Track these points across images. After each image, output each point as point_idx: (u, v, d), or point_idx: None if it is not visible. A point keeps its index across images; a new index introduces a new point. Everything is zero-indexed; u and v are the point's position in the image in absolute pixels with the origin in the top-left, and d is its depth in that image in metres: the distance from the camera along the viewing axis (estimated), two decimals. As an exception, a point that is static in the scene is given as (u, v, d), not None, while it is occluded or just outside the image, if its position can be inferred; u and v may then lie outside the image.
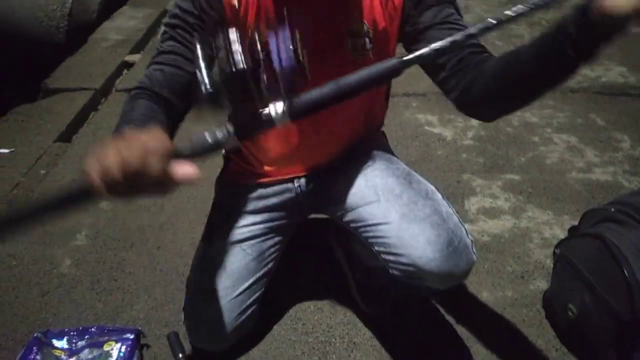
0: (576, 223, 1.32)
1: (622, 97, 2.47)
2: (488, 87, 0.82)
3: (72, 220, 1.67)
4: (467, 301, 1.40)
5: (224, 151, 1.23)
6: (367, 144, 1.14)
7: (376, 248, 1.04)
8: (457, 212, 1.08)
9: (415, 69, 0.80)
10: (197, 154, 0.57)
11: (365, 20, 0.92)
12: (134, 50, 2.97)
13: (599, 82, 2.61)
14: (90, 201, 0.58)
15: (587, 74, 2.69)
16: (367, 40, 0.93)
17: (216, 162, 1.25)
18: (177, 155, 0.54)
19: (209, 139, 0.57)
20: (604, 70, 2.73)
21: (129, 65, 2.83)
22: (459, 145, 2.09)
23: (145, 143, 0.52)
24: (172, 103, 0.87)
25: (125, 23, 3.36)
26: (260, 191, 1.15)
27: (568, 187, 1.85)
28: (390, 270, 1.04)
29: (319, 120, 0.99)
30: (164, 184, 0.53)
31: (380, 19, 0.92)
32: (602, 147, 2.07)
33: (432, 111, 2.35)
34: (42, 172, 1.90)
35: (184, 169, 0.53)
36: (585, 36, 0.61)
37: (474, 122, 2.25)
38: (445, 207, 1.04)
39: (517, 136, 2.14)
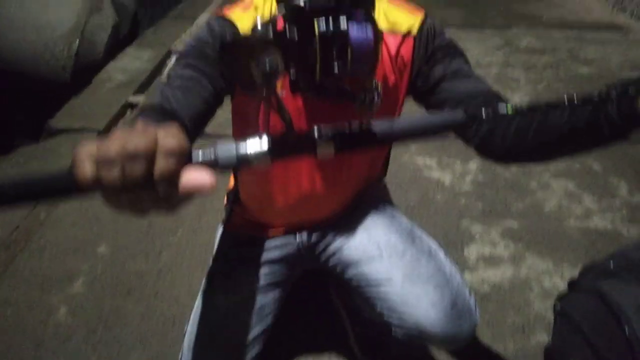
0: (576, 272, 1.32)
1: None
2: (508, 139, 0.79)
3: (71, 264, 1.67)
4: (468, 354, 1.38)
5: (225, 201, 1.23)
6: (370, 197, 1.15)
7: (378, 308, 1.04)
8: (456, 261, 1.08)
9: (410, 111, 0.80)
10: (217, 165, 0.46)
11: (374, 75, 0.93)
12: (138, 91, 3.01)
13: (595, 127, 2.64)
14: (75, 194, 0.44)
15: (583, 118, 2.74)
16: (375, 95, 0.94)
17: (215, 206, 1.26)
18: (193, 160, 0.44)
19: (236, 151, 0.46)
20: (600, 115, 2.78)
21: (132, 106, 2.87)
22: (457, 190, 2.10)
23: (157, 136, 0.40)
24: (185, 128, 0.79)
25: (130, 64, 3.43)
26: (262, 244, 1.15)
27: (567, 234, 1.85)
28: (393, 330, 1.03)
29: (323, 172, 1.01)
30: (170, 190, 0.40)
31: (390, 74, 0.92)
32: (600, 193, 2.08)
33: (430, 154, 2.37)
34: (43, 215, 1.90)
35: (197, 175, 0.41)
36: (625, 122, 0.60)
37: (473, 166, 2.27)
38: (448, 265, 1.04)
39: (515, 181, 2.16)
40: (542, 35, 4.33)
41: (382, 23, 0.90)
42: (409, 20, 0.90)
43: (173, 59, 3.66)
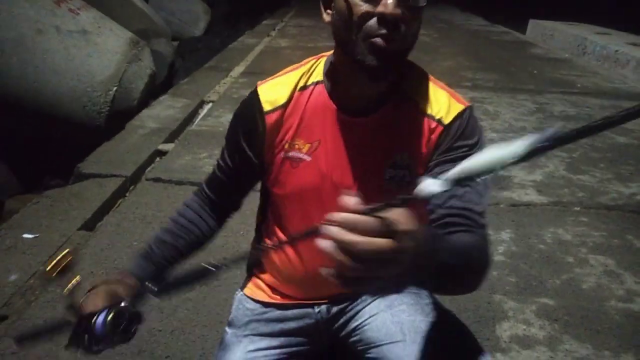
0: (620, 364, 1.20)
1: (660, 218, 2.38)
2: None
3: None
4: None
5: (247, 263, 1.18)
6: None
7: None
8: (487, 340, 0.99)
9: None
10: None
11: (407, 151, 0.89)
12: (169, 140, 3.05)
13: (634, 200, 2.53)
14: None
15: (621, 190, 2.63)
16: (407, 172, 0.90)
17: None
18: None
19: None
20: (638, 188, 2.67)
21: (162, 153, 2.90)
22: (488, 261, 2.00)
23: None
24: (222, 206, 1.04)
25: (163, 112, 3.51)
26: (279, 313, 1.08)
27: (608, 317, 1.72)
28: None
29: None
30: None
31: (421, 150, 0.89)
32: (643, 274, 1.95)
33: (460, 220, 2.29)
34: (61, 261, 1.87)
35: None
36: None
37: (505, 236, 2.18)
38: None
39: (550, 255, 2.05)
40: (577, 103, 4.28)
41: (422, 101, 0.88)
42: (447, 107, 0.87)
43: (205, 109, 3.73)
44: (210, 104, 3.85)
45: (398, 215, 0.48)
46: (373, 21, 0.74)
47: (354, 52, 0.77)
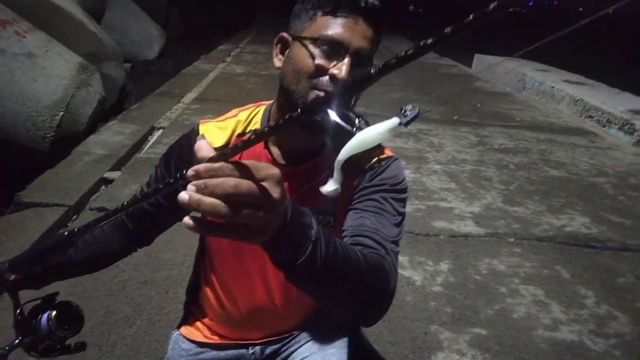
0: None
1: (585, 249, 2.55)
2: None
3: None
4: None
5: (185, 300, 1.19)
6: (329, 315, 1.12)
7: None
8: None
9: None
10: None
11: (332, 200, 0.94)
12: (115, 167, 3.01)
13: (564, 232, 2.70)
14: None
15: (552, 222, 2.80)
16: (332, 218, 0.95)
17: (179, 295, 1.21)
18: None
19: None
20: (568, 220, 2.85)
21: (107, 182, 2.85)
22: (428, 292, 2.09)
23: None
24: (133, 235, 0.99)
25: (111, 138, 3.46)
26: (214, 354, 1.10)
27: (535, 345, 1.82)
28: None
29: (279, 284, 0.99)
30: None
31: (345, 199, 0.94)
32: (567, 303, 2.08)
33: (402, 251, 2.35)
34: (-5, 296, 1.81)
35: None
36: None
37: (444, 267, 2.27)
38: None
39: (485, 285, 2.16)
40: (516, 136, 4.53)
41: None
42: (370, 154, 0.92)
43: (155, 136, 3.71)
44: (161, 131, 3.83)
45: (259, 165, 0.46)
46: (325, 78, 0.77)
47: (298, 102, 0.79)
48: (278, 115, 0.88)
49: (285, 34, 0.85)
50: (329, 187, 0.60)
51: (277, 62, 0.86)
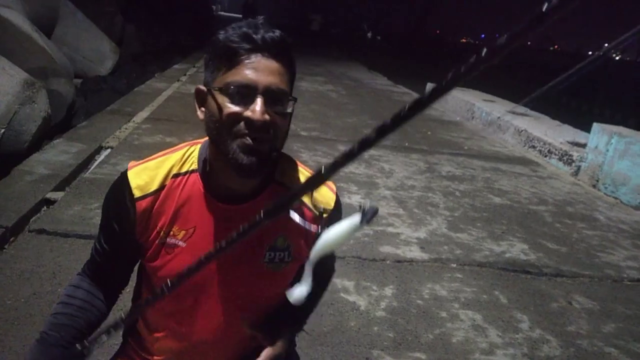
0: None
1: (523, 274, 2.66)
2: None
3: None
4: None
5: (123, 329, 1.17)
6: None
7: None
8: None
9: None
10: None
11: (287, 236, 0.95)
12: (59, 187, 2.92)
13: (503, 258, 2.82)
14: None
15: (493, 248, 2.92)
16: (286, 254, 0.96)
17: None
18: None
19: None
20: (508, 246, 2.98)
21: (49, 202, 2.76)
22: (371, 317, 2.12)
23: None
24: (108, 289, 1.02)
25: (55, 157, 3.35)
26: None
27: (472, 370, 1.88)
28: None
29: (218, 320, 0.99)
30: None
31: (301, 236, 0.96)
32: (504, 327, 2.16)
33: (349, 276, 2.41)
34: None
35: None
36: None
37: (388, 292, 2.32)
38: None
39: (426, 310, 2.21)
40: (463, 163, 4.71)
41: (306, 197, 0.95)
42: (326, 196, 0.97)
43: (102, 156, 3.62)
44: (109, 150, 3.74)
45: None
46: (242, 124, 0.78)
47: (226, 150, 0.80)
48: (215, 153, 0.87)
49: (201, 87, 0.85)
50: (298, 293, 0.65)
51: (200, 114, 0.86)
